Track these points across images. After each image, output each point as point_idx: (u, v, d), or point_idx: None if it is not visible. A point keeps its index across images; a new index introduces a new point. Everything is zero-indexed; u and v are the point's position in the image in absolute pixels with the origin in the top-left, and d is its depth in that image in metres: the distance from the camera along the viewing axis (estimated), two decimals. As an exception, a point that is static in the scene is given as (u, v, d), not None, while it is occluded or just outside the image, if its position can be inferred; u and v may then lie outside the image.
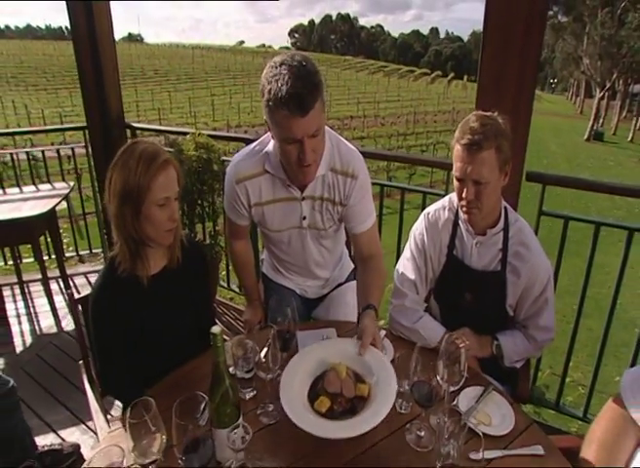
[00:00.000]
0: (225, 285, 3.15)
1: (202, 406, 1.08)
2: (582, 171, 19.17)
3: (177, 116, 27.31)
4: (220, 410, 0.90)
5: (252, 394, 1.19)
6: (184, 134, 2.80)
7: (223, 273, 3.17)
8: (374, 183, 1.88)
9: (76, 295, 1.44)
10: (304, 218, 1.45)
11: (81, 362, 1.48)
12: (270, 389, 1.14)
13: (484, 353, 1.39)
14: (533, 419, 1.13)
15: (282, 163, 1.32)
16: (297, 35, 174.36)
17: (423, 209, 2.08)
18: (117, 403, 1.90)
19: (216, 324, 1.57)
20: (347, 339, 1.25)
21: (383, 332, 1.40)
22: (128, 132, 3.25)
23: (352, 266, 1.81)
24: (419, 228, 1.51)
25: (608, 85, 30.00)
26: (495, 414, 1.11)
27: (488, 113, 1.31)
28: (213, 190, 2.78)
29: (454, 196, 1.45)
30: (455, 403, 1.13)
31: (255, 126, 24.71)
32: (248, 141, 2.71)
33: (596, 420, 1.00)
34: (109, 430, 1.14)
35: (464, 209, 1.35)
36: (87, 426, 2.00)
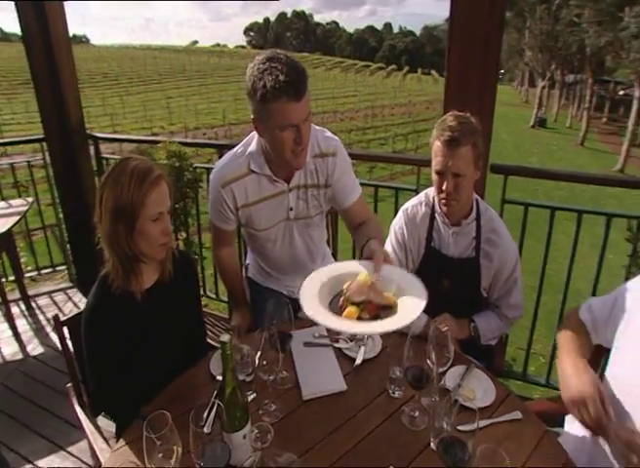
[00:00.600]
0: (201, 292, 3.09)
1: (205, 413, 1.10)
2: (530, 156, 20.26)
3: (131, 121, 25.97)
4: (231, 415, 0.92)
5: (252, 396, 1.21)
6: (155, 142, 2.73)
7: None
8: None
9: (61, 317, 1.38)
10: (291, 209, 1.48)
11: (70, 385, 1.42)
12: (272, 390, 1.17)
13: (463, 335, 1.50)
14: (510, 390, 1.23)
15: (269, 157, 1.36)
16: (252, 33, 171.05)
17: (396, 204, 2.17)
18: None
19: (206, 334, 1.59)
20: (359, 262, 1.22)
21: (370, 324, 1.46)
22: (91, 148, 3.10)
23: (334, 262, 1.86)
24: (398, 223, 1.59)
25: (548, 75, 31.73)
26: (478, 389, 1.20)
27: (462, 113, 1.42)
28: (186, 198, 2.74)
29: (430, 191, 1.55)
30: (442, 382, 1.21)
31: (214, 127, 24.08)
32: (221, 147, 2.69)
33: (560, 333, 1.22)
34: (113, 449, 1.12)
35: (444, 201, 1.44)
36: (67, 452, 1.91)
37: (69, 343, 1.40)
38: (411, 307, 1.04)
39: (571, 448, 1.03)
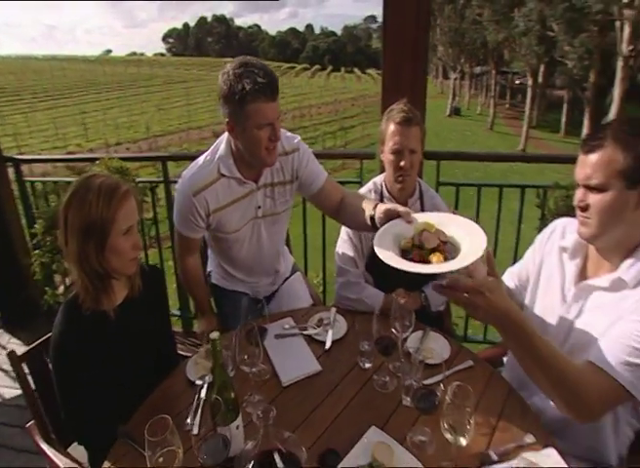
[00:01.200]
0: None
1: (190, 416, 1.12)
2: (448, 142, 21.77)
3: (39, 141, 23.25)
4: (225, 408, 0.95)
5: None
6: (93, 160, 2.58)
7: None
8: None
9: (18, 351, 1.29)
10: (259, 207, 1.54)
11: (32, 422, 1.30)
12: (253, 383, 1.22)
13: (416, 305, 1.65)
14: (461, 345, 1.39)
15: (239, 160, 1.43)
16: (171, 40, 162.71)
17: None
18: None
19: (176, 345, 1.58)
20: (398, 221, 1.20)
21: (334, 309, 1.56)
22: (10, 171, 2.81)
23: (293, 260, 1.94)
24: None
25: (459, 68, 34.31)
26: (435, 348, 1.35)
27: (405, 101, 1.60)
28: None
29: (377, 180, 1.71)
30: (405, 348, 1.34)
31: (137, 141, 22.53)
32: (163, 159, 2.66)
33: None
34: None
35: (400, 178, 1.59)
36: None
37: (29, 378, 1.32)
38: (475, 242, 1.03)
39: (509, 378, 1.26)
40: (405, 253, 1.09)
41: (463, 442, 0.92)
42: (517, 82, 40.82)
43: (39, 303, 2.79)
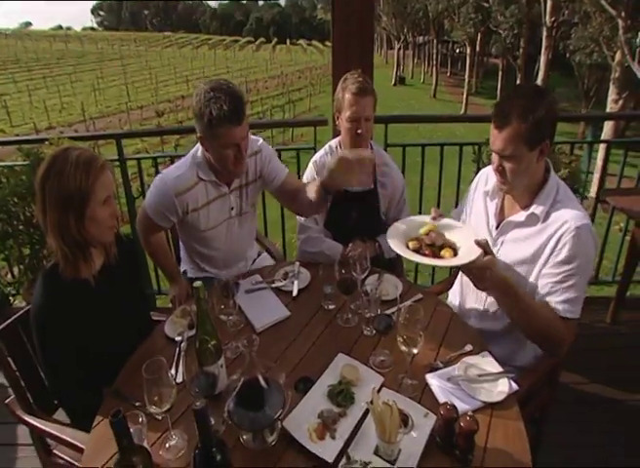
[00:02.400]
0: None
1: (172, 368, 1.20)
2: (394, 110, 22.05)
3: None
4: (210, 349, 1.04)
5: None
6: (40, 141, 2.43)
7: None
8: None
9: None
10: (232, 209, 1.67)
11: (12, 397, 1.34)
12: (231, 332, 1.32)
13: (371, 253, 1.79)
14: (411, 282, 1.57)
15: (214, 167, 1.54)
16: (102, 13, 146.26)
17: (298, 163, 2.37)
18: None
19: (149, 309, 1.63)
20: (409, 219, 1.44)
21: (297, 263, 1.67)
22: None
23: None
24: (310, 174, 1.84)
25: (402, 38, 34.40)
26: (390, 287, 1.51)
27: (359, 71, 1.71)
28: None
29: (332, 143, 1.85)
30: (364, 288, 1.49)
31: (72, 124, 20.33)
32: (117, 136, 2.61)
33: None
34: (93, 426, 1.12)
35: (357, 143, 1.71)
36: None
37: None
38: (471, 244, 1.22)
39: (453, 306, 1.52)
40: (417, 253, 1.27)
41: (415, 351, 1.08)
42: (457, 51, 41.82)
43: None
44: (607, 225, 2.48)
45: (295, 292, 1.52)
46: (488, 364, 1.16)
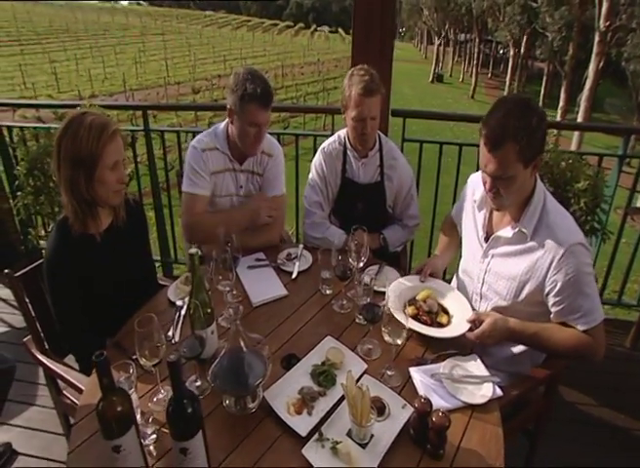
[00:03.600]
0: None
1: (170, 329, 1.25)
2: (430, 108, 21.63)
3: (6, 89, 21.15)
4: (202, 314, 1.08)
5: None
6: (73, 106, 2.52)
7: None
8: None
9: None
10: (241, 187, 1.73)
11: (29, 337, 1.43)
12: (228, 303, 1.35)
13: (374, 245, 1.82)
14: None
15: (232, 141, 1.65)
16: None
17: (315, 150, 2.36)
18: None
19: (156, 275, 1.68)
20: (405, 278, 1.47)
21: (301, 246, 1.69)
22: None
23: None
24: (318, 160, 1.84)
25: (443, 33, 33.41)
26: (388, 279, 1.50)
27: (367, 67, 1.66)
28: None
29: (341, 132, 1.83)
30: (362, 278, 1.49)
31: (113, 94, 20.97)
32: (144, 108, 2.67)
33: (441, 226, 1.71)
34: (92, 375, 1.18)
35: (363, 140, 1.71)
36: (9, 424, 1.82)
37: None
38: (464, 312, 1.31)
39: None
40: (415, 319, 1.29)
41: (399, 341, 1.09)
42: (500, 52, 40.24)
43: (19, 249, 2.82)
44: (634, 247, 2.32)
45: (294, 274, 1.54)
46: (475, 366, 1.15)
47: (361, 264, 1.38)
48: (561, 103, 18.42)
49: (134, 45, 36.11)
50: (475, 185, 1.42)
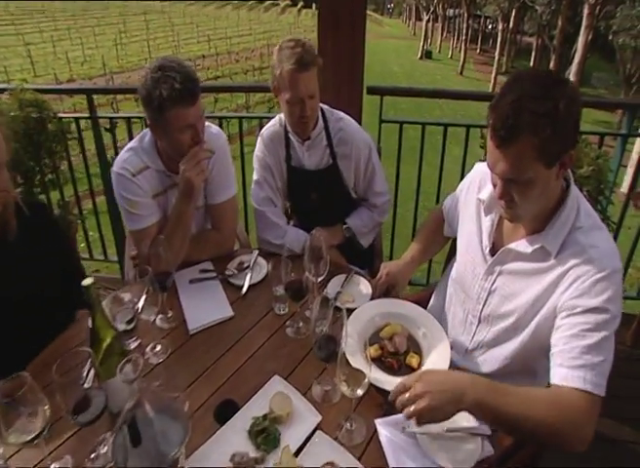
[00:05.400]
0: (88, 256, 2.70)
1: (87, 364, 0.98)
2: (418, 86, 21.07)
3: None
4: (108, 362, 0.81)
5: (136, 343, 1.10)
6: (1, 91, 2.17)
7: (83, 245, 2.76)
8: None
9: None
10: (196, 201, 1.35)
11: None
12: (158, 331, 1.09)
13: (338, 239, 1.53)
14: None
15: (163, 155, 1.31)
16: None
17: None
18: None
19: (83, 291, 1.38)
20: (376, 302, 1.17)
21: (256, 252, 1.40)
22: None
23: None
24: (259, 148, 1.52)
25: (431, 9, 32.22)
26: (357, 292, 1.24)
27: (297, 37, 1.32)
28: (52, 153, 2.26)
29: (281, 115, 1.49)
30: (325, 292, 1.22)
31: (92, 78, 20.04)
32: (88, 92, 2.34)
33: (425, 221, 1.38)
34: None
35: (303, 124, 1.38)
36: None
37: None
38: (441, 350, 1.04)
39: None
40: (377, 362, 1.02)
41: (360, 392, 0.82)
42: (490, 27, 39.09)
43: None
44: (638, 229, 2.09)
45: (244, 289, 1.26)
46: (459, 415, 0.89)
47: (320, 278, 1.11)
48: (550, 78, 17.93)
49: (114, 26, 34.38)
50: (483, 178, 1.07)
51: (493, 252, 1.02)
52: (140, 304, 1.24)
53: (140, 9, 45.90)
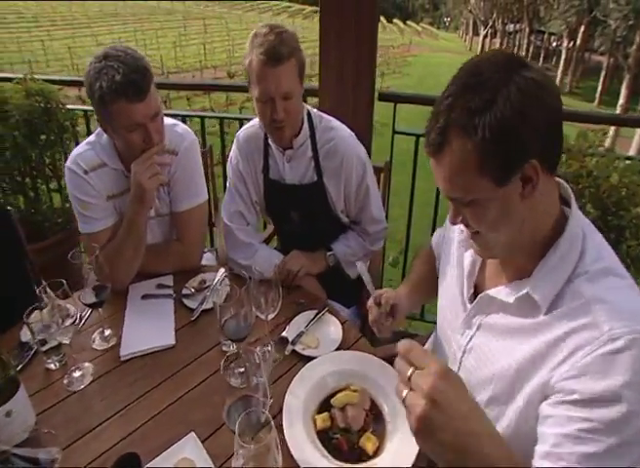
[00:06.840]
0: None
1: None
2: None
3: (55, 70, 21.58)
4: None
5: (60, 363, 0.99)
6: (9, 80, 2.16)
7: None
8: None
9: None
10: (150, 208, 1.23)
11: None
12: (89, 352, 0.99)
13: (319, 268, 1.31)
14: (362, 334, 1.08)
15: (122, 153, 1.19)
16: None
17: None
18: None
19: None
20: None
21: (222, 270, 1.25)
22: None
23: None
24: (233, 152, 1.34)
25: (490, 23, 31.34)
26: (324, 335, 1.05)
27: (275, 24, 1.14)
28: (54, 144, 2.20)
29: None
30: (286, 331, 1.05)
31: (155, 74, 21.80)
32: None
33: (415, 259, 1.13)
34: None
35: (277, 130, 1.18)
36: None
37: None
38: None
39: None
40: (324, 435, 0.81)
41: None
42: (554, 44, 37.27)
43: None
44: None
45: (196, 314, 1.11)
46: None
47: (271, 316, 0.93)
48: (621, 100, 16.61)
49: (176, 29, 36.56)
50: None
51: (474, 299, 0.78)
52: (85, 317, 1.14)
53: (201, 14, 48.50)
